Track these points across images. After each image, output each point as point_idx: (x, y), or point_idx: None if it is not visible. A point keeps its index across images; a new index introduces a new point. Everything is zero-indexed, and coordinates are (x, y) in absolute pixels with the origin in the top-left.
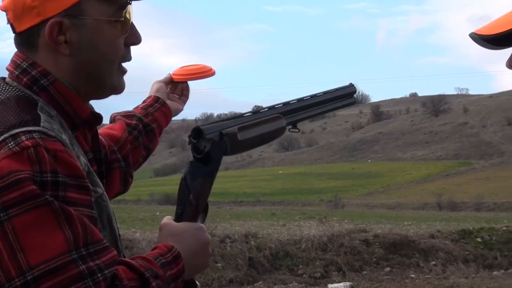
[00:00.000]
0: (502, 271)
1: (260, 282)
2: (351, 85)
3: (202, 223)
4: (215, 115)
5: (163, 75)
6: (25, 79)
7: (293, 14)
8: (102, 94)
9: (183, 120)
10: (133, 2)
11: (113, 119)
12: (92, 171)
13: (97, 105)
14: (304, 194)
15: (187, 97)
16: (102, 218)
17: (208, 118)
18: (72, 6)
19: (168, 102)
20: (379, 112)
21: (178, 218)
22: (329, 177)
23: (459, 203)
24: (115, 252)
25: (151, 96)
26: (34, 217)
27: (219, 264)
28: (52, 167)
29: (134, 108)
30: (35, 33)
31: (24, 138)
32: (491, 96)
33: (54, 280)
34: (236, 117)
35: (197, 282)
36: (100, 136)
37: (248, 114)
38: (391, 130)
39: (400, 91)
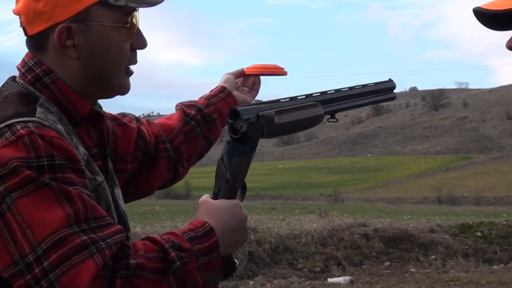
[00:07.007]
0: (502, 265)
1: (260, 277)
2: (390, 80)
3: (241, 201)
4: None
5: (165, 69)
6: (29, 77)
7: (296, 7)
8: (109, 94)
9: None
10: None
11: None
12: (92, 160)
13: (103, 101)
14: (304, 189)
15: (257, 91)
16: (101, 205)
17: None
18: (81, 12)
19: (236, 93)
20: (378, 106)
21: (215, 196)
22: (329, 172)
23: (458, 197)
24: (120, 226)
25: (218, 86)
26: (35, 198)
27: None
28: (48, 152)
29: (199, 98)
30: (45, 36)
31: (19, 127)
32: (491, 91)
33: (59, 251)
34: (272, 102)
35: (236, 261)
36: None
37: (285, 99)
38: (391, 125)
39: (400, 85)
